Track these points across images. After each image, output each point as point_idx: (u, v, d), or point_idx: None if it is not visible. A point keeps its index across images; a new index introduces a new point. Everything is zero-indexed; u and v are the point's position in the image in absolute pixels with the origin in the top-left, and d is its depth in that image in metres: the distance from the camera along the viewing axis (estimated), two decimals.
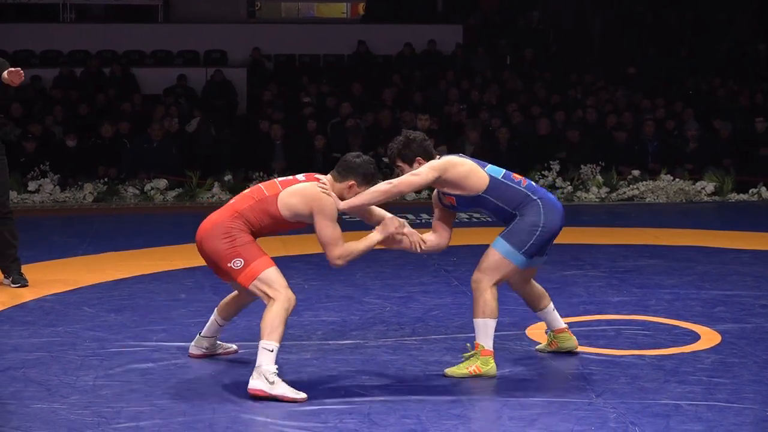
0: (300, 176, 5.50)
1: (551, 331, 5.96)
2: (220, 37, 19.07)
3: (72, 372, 5.61)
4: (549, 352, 5.98)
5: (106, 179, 13.79)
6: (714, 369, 5.63)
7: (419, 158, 5.61)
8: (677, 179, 14.17)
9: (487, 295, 5.50)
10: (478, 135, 14.55)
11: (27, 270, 8.09)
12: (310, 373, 5.60)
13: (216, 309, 5.87)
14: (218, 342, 5.99)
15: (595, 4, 20.47)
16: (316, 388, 5.30)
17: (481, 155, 14.02)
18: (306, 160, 14.32)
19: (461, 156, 5.73)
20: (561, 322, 5.95)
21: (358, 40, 18.89)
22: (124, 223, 11.99)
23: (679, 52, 19.05)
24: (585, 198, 13.98)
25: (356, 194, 5.39)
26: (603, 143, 15.03)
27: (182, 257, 9.12)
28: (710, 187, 14.08)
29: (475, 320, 5.53)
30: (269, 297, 5.25)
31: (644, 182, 14.13)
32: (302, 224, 5.45)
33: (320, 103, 16.56)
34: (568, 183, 14.19)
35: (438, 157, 5.68)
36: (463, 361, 5.54)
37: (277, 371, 5.14)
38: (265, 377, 5.11)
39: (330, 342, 6.23)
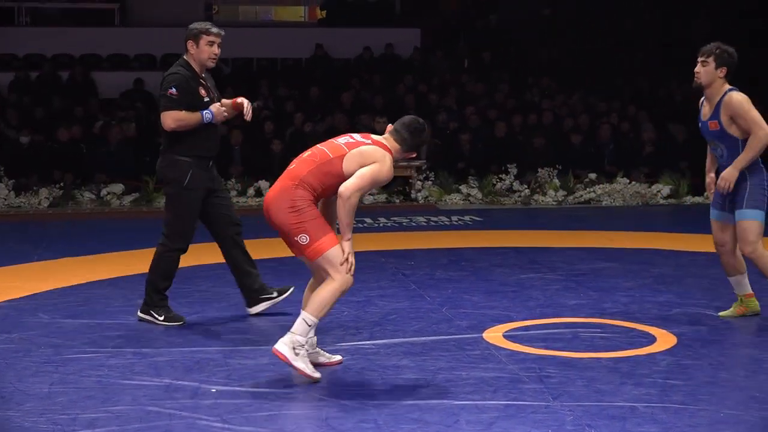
0: (356, 136, 5.69)
1: (741, 295, 6.87)
2: (177, 40, 18.77)
3: (27, 379, 5.56)
4: (735, 317, 6.87)
5: (61, 184, 13.68)
6: (669, 371, 5.67)
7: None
8: (633, 182, 14.28)
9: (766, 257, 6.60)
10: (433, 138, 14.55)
11: None
12: (268, 377, 5.57)
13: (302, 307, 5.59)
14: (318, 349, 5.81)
15: (554, 5, 20.56)
16: (272, 392, 5.29)
17: (438, 158, 14.15)
18: (263, 166, 14.27)
19: None
20: (749, 288, 6.87)
21: (316, 44, 18.90)
22: (79, 229, 11.90)
23: (635, 55, 19.17)
24: (542, 201, 14.04)
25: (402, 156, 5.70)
26: (559, 146, 15.10)
27: (139, 262, 9.04)
28: (666, 190, 14.19)
29: None
30: (329, 275, 5.39)
31: (601, 185, 14.22)
32: None
33: (278, 107, 16.51)
34: (526, 186, 14.26)
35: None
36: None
37: (304, 345, 5.37)
38: (292, 346, 5.34)
39: None
